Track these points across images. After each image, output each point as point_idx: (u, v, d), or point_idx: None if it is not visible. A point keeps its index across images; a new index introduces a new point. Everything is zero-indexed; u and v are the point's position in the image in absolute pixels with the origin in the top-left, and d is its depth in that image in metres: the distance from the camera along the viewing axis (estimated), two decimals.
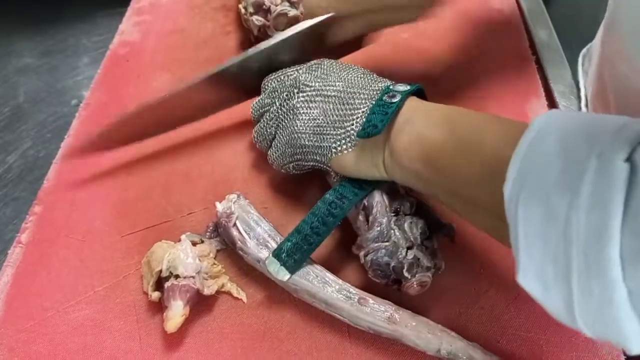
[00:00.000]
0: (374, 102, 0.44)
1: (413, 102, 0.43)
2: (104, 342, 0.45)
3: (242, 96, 0.57)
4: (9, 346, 0.45)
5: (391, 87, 0.44)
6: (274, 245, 0.46)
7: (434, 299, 0.46)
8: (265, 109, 0.51)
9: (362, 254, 0.44)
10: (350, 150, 0.44)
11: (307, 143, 0.47)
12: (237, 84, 0.55)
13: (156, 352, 0.44)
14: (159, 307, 0.46)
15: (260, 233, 0.47)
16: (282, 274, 0.44)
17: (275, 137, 0.50)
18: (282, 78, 0.51)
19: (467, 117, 0.40)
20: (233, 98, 0.57)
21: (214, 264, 0.47)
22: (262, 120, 0.51)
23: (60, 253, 0.50)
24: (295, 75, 0.50)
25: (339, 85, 0.46)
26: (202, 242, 0.49)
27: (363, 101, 0.44)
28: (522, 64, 0.66)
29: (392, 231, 0.43)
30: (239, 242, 0.47)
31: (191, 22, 0.74)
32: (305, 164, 0.48)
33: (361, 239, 0.45)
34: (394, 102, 0.42)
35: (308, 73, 0.49)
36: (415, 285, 0.43)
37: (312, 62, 0.51)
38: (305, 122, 0.47)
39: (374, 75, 0.48)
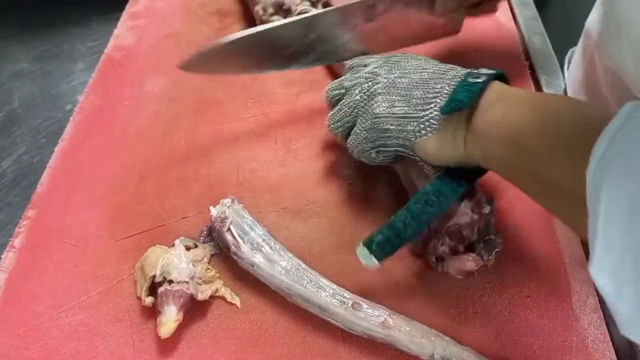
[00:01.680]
0: (457, 83, 0.43)
1: (497, 85, 0.42)
2: (97, 348, 0.45)
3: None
4: (1, 352, 0.44)
5: (474, 70, 0.44)
6: (268, 250, 0.46)
7: (428, 303, 0.47)
8: (343, 95, 0.50)
9: (487, 206, 0.45)
10: (433, 133, 0.43)
11: (390, 127, 0.46)
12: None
13: (150, 357, 0.44)
14: (152, 312, 0.45)
15: (254, 237, 0.47)
16: (371, 262, 0.43)
17: (354, 124, 0.49)
18: (360, 68, 0.51)
19: (554, 100, 0.40)
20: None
21: (208, 268, 0.47)
22: (339, 107, 0.50)
23: (53, 258, 0.50)
24: (374, 64, 0.49)
25: (418, 72, 0.46)
26: (196, 246, 0.49)
27: (445, 85, 0.44)
28: (515, 70, 0.66)
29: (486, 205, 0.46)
30: (233, 247, 0.47)
31: (186, 26, 0.75)
32: (388, 149, 0.47)
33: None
34: (479, 81, 0.42)
35: (387, 63, 0.49)
36: (474, 264, 0.45)
37: (390, 54, 0.51)
38: (387, 107, 0.46)
39: (454, 66, 0.47)
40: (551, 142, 0.35)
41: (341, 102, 0.50)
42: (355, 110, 0.48)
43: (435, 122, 0.43)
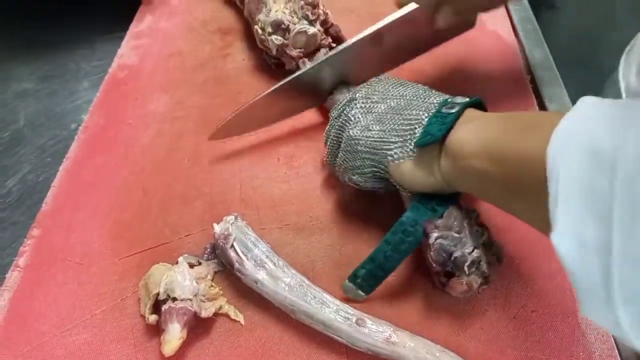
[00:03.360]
0: (432, 114, 0.44)
1: (471, 112, 0.44)
2: None
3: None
4: None
5: (449, 100, 0.45)
6: (272, 267, 0.46)
7: (433, 319, 0.46)
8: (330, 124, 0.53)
9: (434, 234, 0.44)
10: (407, 159, 0.45)
11: (364, 149, 0.47)
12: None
13: None
14: (156, 331, 0.45)
15: (257, 254, 0.47)
16: (359, 296, 0.46)
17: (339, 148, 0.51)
18: (344, 94, 0.53)
19: (522, 113, 0.41)
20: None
21: (212, 286, 0.47)
22: (325, 136, 0.53)
23: (57, 276, 0.50)
24: (355, 89, 0.52)
25: (395, 99, 0.48)
26: (200, 264, 0.49)
27: (421, 112, 0.45)
28: (517, 83, 0.66)
29: (465, 227, 0.44)
30: (236, 264, 0.47)
31: (189, 45, 0.75)
32: (365, 171, 0.48)
33: (434, 222, 0.45)
34: (453, 112, 0.43)
35: (366, 87, 0.51)
36: (464, 284, 0.44)
37: (372, 78, 0.53)
38: (362, 129, 0.48)
39: (433, 90, 0.49)
40: (521, 147, 0.36)
41: (326, 131, 0.53)
42: (338, 133, 0.51)
43: (409, 149, 0.44)
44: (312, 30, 0.63)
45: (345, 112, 0.50)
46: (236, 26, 0.78)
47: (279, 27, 0.63)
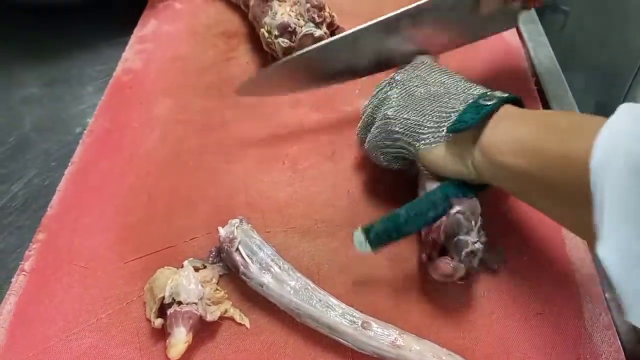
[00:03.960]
0: (468, 105, 0.45)
1: (509, 108, 0.43)
2: None
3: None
4: None
5: (489, 92, 0.45)
6: (277, 270, 0.46)
7: (439, 322, 0.46)
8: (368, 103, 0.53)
9: (457, 207, 0.44)
10: (439, 144, 0.45)
11: (397, 129, 0.48)
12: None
13: None
14: (162, 334, 0.45)
15: (263, 257, 0.47)
16: (365, 248, 0.45)
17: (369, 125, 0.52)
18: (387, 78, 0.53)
19: (555, 113, 0.42)
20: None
21: (217, 289, 0.47)
22: (363, 109, 0.54)
23: (63, 280, 0.50)
24: (398, 70, 0.53)
25: (436, 85, 0.49)
26: (205, 267, 0.49)
27: (458, 103, 0.45)
28: (522, 86, 0.66)
29: (478, 222, 0.45)
30: (241, 267, 0.47)
31: (193, 49, 0.75)
32: (394, 151, 0.49)
33: (462, 199, 0.45)
34: (489, 104, 0.43)
35: (410, 70, 0.52)
36: (450, 267, 0.44)
37: (417, 60, 0.54)
38: (398, 110, 0.48)
39: (473, 83, 0.49)
40: (559, 148, 0.36)
41: (364, 105, 0.53)
42: (372, 111, 0.52)
43: (442, 136, 0.45)
44: (318, 32, 0.63)
45: (384, 90, 0.51)
46: (240, 30, 0.78)
47: (285, 30, 0.63)
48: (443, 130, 0.45)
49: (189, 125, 0.64)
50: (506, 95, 0.44)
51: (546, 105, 0.64)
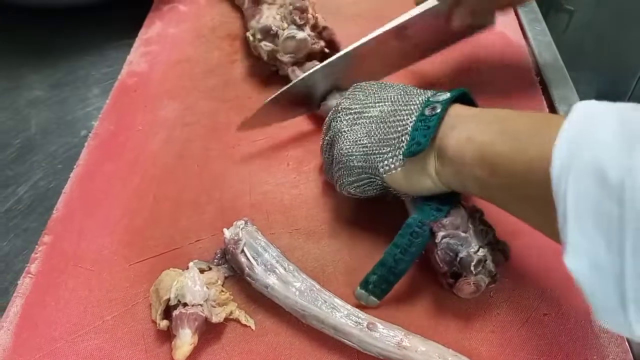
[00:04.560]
0: (415, 118, 0.44)
1: (457, 108, 0.43)
2: None
3: None
4: None
5: (431, 98, 0.44)
6: (282, 271, 0.46)
7: (444, 323, 0.46)
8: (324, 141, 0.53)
9: (441, 233, 0.44)
10: (399, 167, 0.44)
11: (356, 164, 0.47)
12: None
13: None
14: (167, 336, 0.45)
15: (268, 259, 0.47)
16: (371, 302, 0.46)
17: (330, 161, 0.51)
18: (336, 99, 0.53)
19: (514, 115, 0.40)
20: None
21: (222, 291, 0.47)
22: (322, 151, 0.53)
23: (69, 283, 0.50)
24: (337, 101, 0.52)
25: (378, 105, 0.47)
26: (210, 269, 0.49)
27: (405, 117, 0.45)
28: (526, 85, 0.66)
29: (470, 226, 0.44)
30: (246, 269, 0.47)
31: (197, 51, 0.76)
32: (362, 183, 0.48)
33: (441, 221, 0.44)
34: (435, 115, 0.42)
35: (348, 97, 0.51)
36: (471, 285, 0.44)
37: (353, 85, 0.52)
38: (352, 143, 0.47)
39: (415, 89, 0.48)
40: (520, 156, 0.36)
41: (321, 145, 0.53)
42: (329, 150, 0.51)
43: (399, 159, 0.44)
44: (300, 34, 0.63)
45: (332, 125, 0.50)
46: (244, 32, 0.78)
47: (267, 33, 0.63)
48: (399, 153, 0.44)
49: (194, 128, 0.64)
50: (448, 95, 0.43)
51: (551, 105, 0.64)
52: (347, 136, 0.48)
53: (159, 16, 0.82)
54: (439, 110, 0.42)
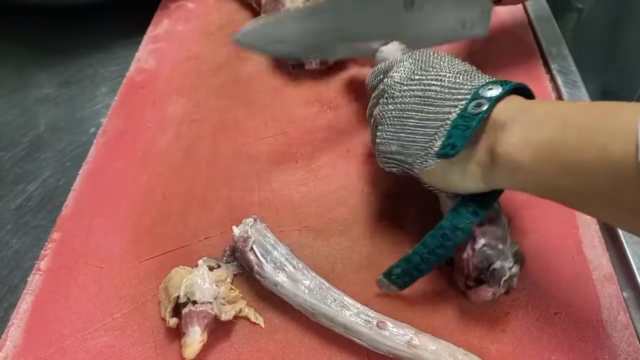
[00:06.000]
0: (458, 112, 0.40)
1: (508, 102, 0.39)
2: None
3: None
4: None
5: (480, 91, 0.40)
6: (291, 269, 0.46)
7: (454, 321, 0.46)
8: (371, 103, 0.50)
9: (482, 240, 0.43)
10: (434, 165, 0.42)
11: (394, 149, 0.45)
12: None
13: None
14: (177, 334, 0.45)
15: (277, 257, 0.47)
16: (393, 290, 0.46)
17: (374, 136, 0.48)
18: (381, 73, 0.49)
19: (573, 107, 0.36)
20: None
21: (231, 288, 0.47)
22: (370, 118, 0.49)
23: (78, 280, 0.50)
24: (393, 70, 0.47)
25: (433, 87, 0.43)
26: (219, 266, 0.49)
27: (447, 108, 0.41)
28: (535, 82, 0.66)
29: (507, 238, 0.44)
30: (255, 266, 0.47)
31: (205, 48, 0.76)
32: (400, 167, 0.46)
33: (484, 228, 0.43)
34: (479, 113, 0.38)
35: (403, 66, 0.46)
36: (489, 294, 0.43)
37: (413, 52, 0.48)
38: (395, 129, 0.44)
39: (471, 71, 0.44)
40: (592, 151, 0.32)
41: (371, 113, 0.49)
42: (376, 123, 0.47)
43: (433, 157, 0.42)
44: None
45: (383, 105, 0.46)
46: None
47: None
48: (433, 153, 0.41)
49: (203, 125, 0.64)
50: (498, 92, 0.39)
51: (560, 99, 0.64)
52: (392, 121, 0.45)
53: (166, 14, 0.82)
54: (484, 108, 0.38)
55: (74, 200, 0.57)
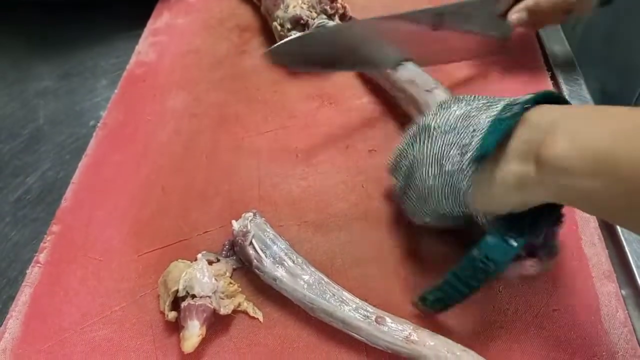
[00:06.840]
0: (491, 120, 0.39)
1: (549, 109, 0.37)
2: None
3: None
4: None
5: (511, 101, 0.40)
6: (290, 264, 0.46)
7: (453, 318, 0.46)
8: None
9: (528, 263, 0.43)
10: (473, 174, 0.39)
11: (431, 183, 0.42)
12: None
13: None
14: (175, 327, 0.45)
15: (276, 251, 0.47)
16: (430, 312, 0.45)
17: (405, 188, 0.46)
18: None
19: (621, 111, 0.34)
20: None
21: (230, 283, 0.47)
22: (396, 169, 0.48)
23: (77, 273, 0.50)
24: (423, 121, 0.45)
25: (460, 124, 0.41)
26: (218, 260, 0.49)
27: (481, 120, 0.40)
28: (537, 81, 0.65)
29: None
30: (255, 261, 0.47)
31: (206, 42, 0.75)
32: (439, 210, 0.44)
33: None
34: (510, 114, 0.38)
35: (435, 117, 0.44)
36: (533, 269, 0.43)
37: (441, 104, 0.46)
38: (427, 178, 0.43)
39: (496, 100, 0.42)
40: None
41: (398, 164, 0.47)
42: (407, 173, 0.46)
43: (470, 165, 0.40)
44: (331, 24, 0.63)
45: (416, 149, 0.44)
46: (253, 23, 0.78)
47: (297, 23, 0.63)
48: (470, 164, 0.39)
49: (203, 119, 0.64)
50: (528, 96, 0.38)
51: None
52: (429, 160, 0.42)
53: (167, 7, 0.82)
54: (515, 110, 0.37)
55: (73, 193, 0.57)
